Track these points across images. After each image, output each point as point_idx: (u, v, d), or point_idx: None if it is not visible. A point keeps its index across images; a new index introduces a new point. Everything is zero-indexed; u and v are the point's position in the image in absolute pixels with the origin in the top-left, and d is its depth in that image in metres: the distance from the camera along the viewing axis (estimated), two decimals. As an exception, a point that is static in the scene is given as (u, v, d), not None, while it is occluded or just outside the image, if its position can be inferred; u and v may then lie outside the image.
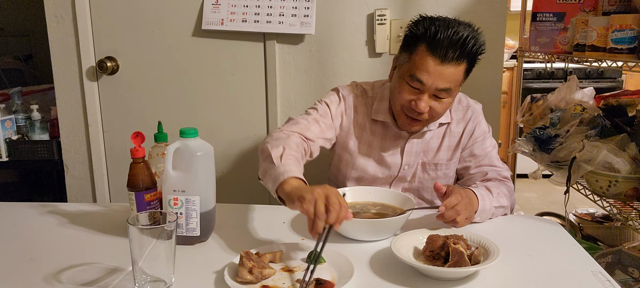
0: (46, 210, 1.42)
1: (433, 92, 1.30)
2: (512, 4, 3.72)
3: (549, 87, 3.20)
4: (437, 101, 1.32)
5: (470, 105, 1.50)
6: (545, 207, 3.12)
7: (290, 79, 2.07)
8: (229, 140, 2.14)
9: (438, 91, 1.29)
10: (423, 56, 1.27)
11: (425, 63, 1.27)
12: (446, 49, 1.25)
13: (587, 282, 1.01)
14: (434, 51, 1.26)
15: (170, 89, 2.13)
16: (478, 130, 1.48)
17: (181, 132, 1.16)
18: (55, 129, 2.27)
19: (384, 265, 1.07)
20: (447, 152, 1.49)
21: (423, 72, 1.27)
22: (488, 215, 1.30)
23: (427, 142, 1.48)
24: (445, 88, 1.29)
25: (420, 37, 1.29)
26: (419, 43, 1.29)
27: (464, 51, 1.26)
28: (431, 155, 1.49)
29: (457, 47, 1.25)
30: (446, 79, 1.28)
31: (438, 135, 1.49)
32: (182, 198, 1.14)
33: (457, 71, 1.28)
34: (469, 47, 1.26)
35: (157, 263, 0.95)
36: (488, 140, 1.49)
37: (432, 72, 1.27)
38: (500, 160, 1.49)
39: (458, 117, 1.49)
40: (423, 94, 1.30)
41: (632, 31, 1.45)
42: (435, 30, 1.25)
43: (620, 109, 1.76)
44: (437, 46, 1.25)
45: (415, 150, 1.48)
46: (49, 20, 2.10)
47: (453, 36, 1.25)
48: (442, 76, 1.27)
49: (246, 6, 1.99)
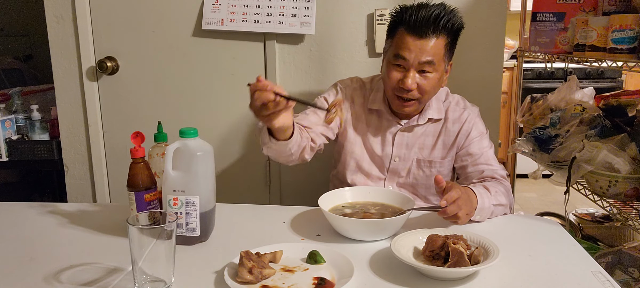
0: (46, 210, 1.42)
1: (418, 67, 1.39)
2: (512, 4, 3.72)
3: (549, 87, 3.20)
4: (423, 76, 1.40)
5: (467, 107, 1.55)
6: (545, 207, 3.12)
7: (290, 79, 2.07)
8: (229, 140, 2.14)
9: (422, 65, 1.38)
10: (402, 36, 1.39)
11: (405, 41, 1.38)
12: (422, 25, 1.36)
13: (587, 282, 1.01)
14: (411, 30, 1.37)
15: (170, 89, 2.13)
16: (475, 130, 1.52)
17: (181, 132, 1.16)
18: (55, 129, 2.27)
19: (384, 265, 1.07)
20: (442, 150, 1.53)
21: (404, 49, 1.38)
22: (487, 214, 1.31)
23: (418, 137, 1.53)
24: (428, 60, 1.38)
25: (398, 23, 1.41)
26: (398, 27, 1.41)
27: (438, 25, 1.37)
28: (426, 152, 1.53)
29: (430, 23, 1.36)
30: (427, 52, 1.37)
31: (432, 132, 1.53)
32: (182, 198, 1.14)
33: (437, 44, 1.38)
34: (443, 21, 1.37)
35: (157, 263, 0.95)
36: (485, 140, 1.53)
37: (413, 48, 1.37)
38: (497, 161, 1.52)
39: (454, 117, 1.53)
40: (409, 71, 1.39)
41: (632, 31, 1.45)
42: (410, 13, 1.38)
43: (620, 109, 1.75)
44: (414, 25, 1.37)
45: (405, 143, 1.53)
46: (49, 20, 2.10)
47: (426, 14, 1.36)
48: (423, 50, 1.37)
49: (246, 6, 1.99)
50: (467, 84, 1.98)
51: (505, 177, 1.46)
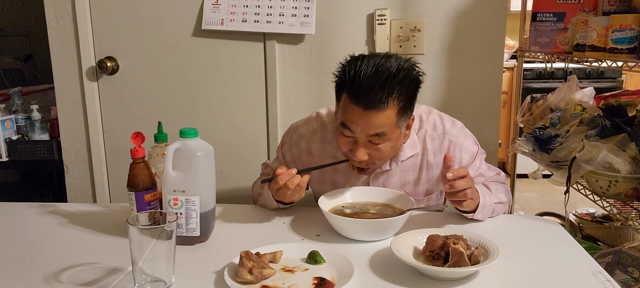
0: (46, 210, 1.42)
1: (366, 139, 1.21)
2: (512, 4, 3.72)
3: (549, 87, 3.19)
4: (374, 148, 1.22)
5: (446, 132, 1.36)
6: (545, 207, 3.12)
7: (290, 79, 2.07)
8: (229, 140, 2.14)
9: (371, 137, 1.20)
10: (346, 105, 1.19)
11: (349, 112, 1.19)
12: (368, 94, 1.14)
13: (587, 282, 1.01)
14: (355, 99, 1.16)
15: (170, 89, 2.13)
16: (465, 155, 1.36)
17: (181, 132, 1.16)
18: (55, 129, 2.27)
19: (384, 265, 1.07)
20: (427, 184, 1.39)
21: (350, 122, 1.19)
22: (489, 212, 1.30)
23: (395, 177, 1.38)
24: (377, 133, 1.19)
25: (342, 85, 1.21)
26: (343, 91, 1.21)
27: (389, 92, 1.15)
28: (409, 188, 1.39)
29: (377, 91, 1.14)
30: (375, 126, 1.18)
31: (411, 167, 1.38)
32: (182, 198, 1.14)
33: (386, 115, 1.17)
34: (394, 84, 1.15)
35: (157, 264, 0.95)
36: (477, 160, 1.39)
37: (359, 121, 1.18)
38: (491, 169, 1.44)
39: (434, 147, 1.36)
40: (357, 144, 1.22)
41: (632, 31, 1.45)
42: (354, 76, 1.16)
43: (620, 109, 1.75)
44: (358, 92, 1.15)
45: (382, 184, 1.39)
46: (49, 20, 2.10)
47: (373, 81, 1.14)
48: (369, 124, 1.17)
49: (246, 6, 1.99)
50: (467, 84, 1.98)
51: (503, 180, 1.45)
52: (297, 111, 2.08)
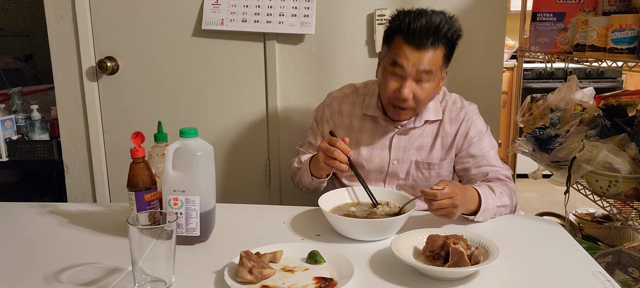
0: (46, 210, 1.42)
1: (415, 76, 1.36)
2: (512, 4, 3.72)
3: (549, 87, 3.20)
4: (420, 85, 1.37)
5: (464, 107, 1.52)
6: (545, 207, 3.12)
7: (290, 79, 2.07)
8: (229, 140, 2.14)
9: (420, 74, 1.35)
10: (400, 45, 1.35)
11: (403, 51, 1.34)
12: (420, 37, 1.32)
13: (587, 282, 1.01)
14: (410, 40, 1.33)
15: (170, 89, 2.13)
16: (473, 130, 1.49)
17: (181, 132, 1.16)
18: (55, 129, 2.27)
19: (384, 265, 1.07)
20: (441, 151, 1.51)
21: (402, 58, 1.34)
22: (490, 215, 1.30)
23: (415, 139, 1.51)
24: (426, 70, 1.35)
25: (396, 30, 1.37)
26: (395, 35, 1.37)
27: (438, 36, 1.33)
28: (425, 154, 1.51)
29: (430, 34, 1.32)
30: (425, 63, 1.34)
31: (429, 133, 1.51)
32: (182, 198, 1.14)
33: (435, 55, 1.34)
34: (442, 32, 1.33)
35: (157, 263, 0.95)
36: (485, 140, 1.50)
37: (411, 58, 1.34)
38: (500, 160, 1.49)
39: (451, 117, 1.51)
40: (405, 80, 1.36)
41: (632, 31, 1.45)
42: (409, 22, 1.33)
43: (620, 109, 1.76)
44: (412, 36, 1.32)
45: (403, 146, 1.51)
46: (49, 20, 2.10)
47: (426, 24, 1.32)
48: (421, 60, 1.34)
49: (246, 6, 1.99)
50: (467, 84, 1.98)
51: (510, 177, 1.45)
52: (297, 111, 2.08)
